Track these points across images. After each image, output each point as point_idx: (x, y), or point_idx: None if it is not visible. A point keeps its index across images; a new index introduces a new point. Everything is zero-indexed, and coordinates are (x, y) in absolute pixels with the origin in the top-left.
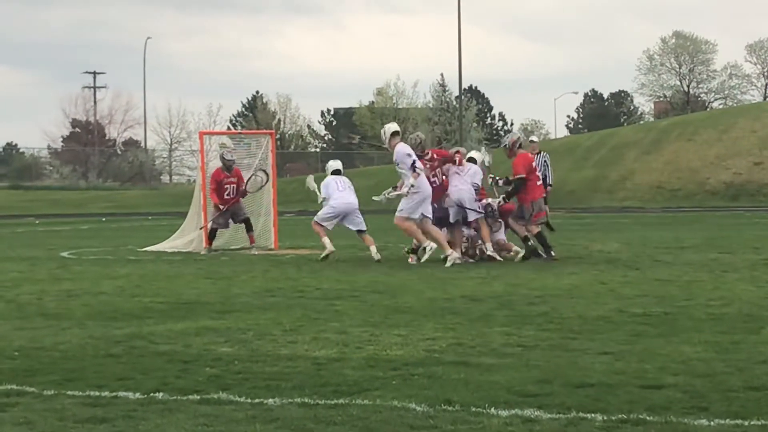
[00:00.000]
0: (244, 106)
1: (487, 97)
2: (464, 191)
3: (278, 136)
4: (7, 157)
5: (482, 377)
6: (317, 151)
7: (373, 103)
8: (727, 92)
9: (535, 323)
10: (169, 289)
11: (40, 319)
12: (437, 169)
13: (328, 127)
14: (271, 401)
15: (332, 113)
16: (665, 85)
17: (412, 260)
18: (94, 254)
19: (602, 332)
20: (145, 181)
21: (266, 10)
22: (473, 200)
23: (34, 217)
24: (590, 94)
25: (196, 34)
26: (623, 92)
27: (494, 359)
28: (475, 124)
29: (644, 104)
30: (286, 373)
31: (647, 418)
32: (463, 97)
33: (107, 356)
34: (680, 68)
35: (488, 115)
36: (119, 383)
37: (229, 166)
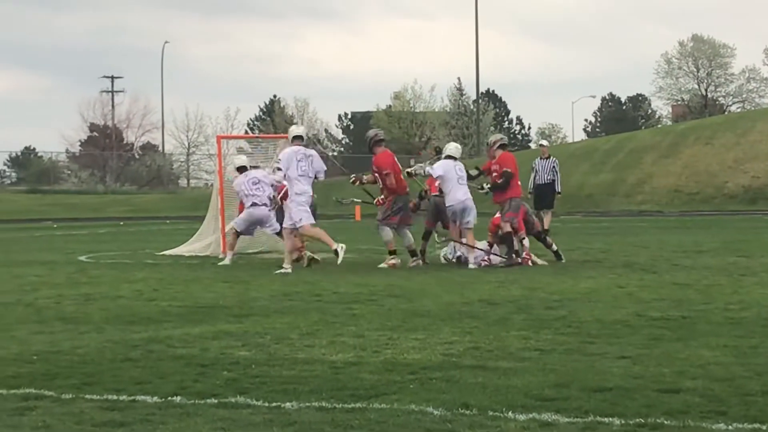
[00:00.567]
0: (261, 109)
1: (504, 100)
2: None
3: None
4: (25, 161)
5: (500, 381)
6: (335, 155)
7: (390, 107)
8: (745, 96)
9: (552, 327)
10: (186, 292)
11: (58, 323)
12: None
13: (345, 131)
14: (288, 405)
15: (349, 117)
16: (683, 88)
17: (389, 264)
18: (111, 258)
19: (620, 336)
20: (162, 185)
21: (285, 14)
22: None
23: (52, 221)
24: (608, 97)
25: (214, 38)
26: (641, 96)
27: (512, 363)
28: (492, 127)
29: (662, 108)
30: (303, 376)
31: (665, 422)
32: (480, 100)
33: (125, 360)
34: (698, 72)
35: (506, 118)
36: (137, 387)
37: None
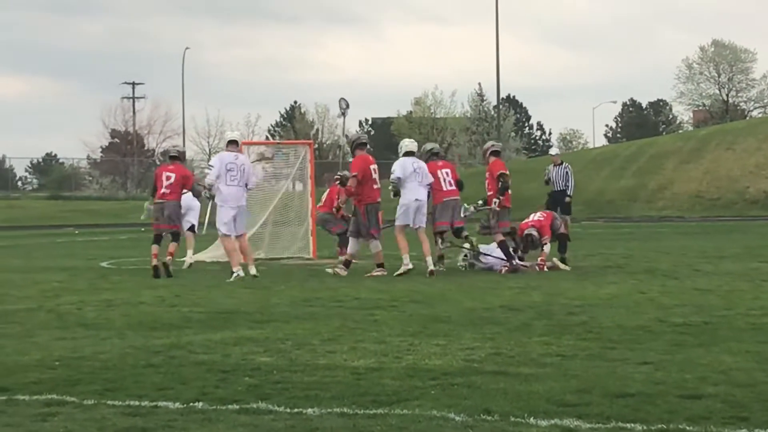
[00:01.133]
0: (282, 116)
1: (525, 106)
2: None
3: (316, 146)
4: (46, 167)
5: (521, 387)
6: None
7: (411, 112)
8: (766, 101)
9: (574, 333)
10: (207, 298)
11: (80, 328)
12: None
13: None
14: (310, 411)
15: (370, 123)
16: (704, 93)
17: (333, 270)
18: (133, 264)
19: (642, 342)
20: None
21: (306, 20)
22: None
23: (73, 227)
24: (629, 103)
25: (235, 44)
26: (662, 101)
27: (533, 369)
28: (513, 133)
29: (683, 113)
30: (324, 382)
31: (687, 428)
32: (501, 106)
33: (147, 366)
34: (719, 77)
35: (526, 124)
36: (159, 393)
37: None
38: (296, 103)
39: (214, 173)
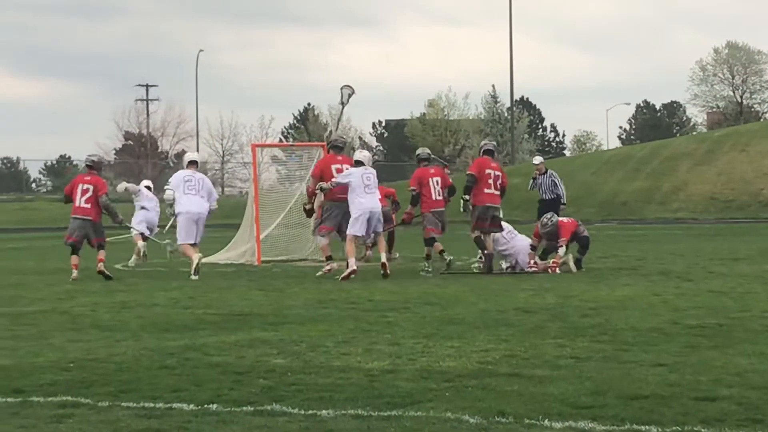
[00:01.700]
0: (295, 118)
1: (538, 108)
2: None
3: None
4: (60, 169)
5: (536, 389)
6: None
7: (424, 114)
8: None
9: (588, 335)
10: (221, 300)
11: (94, 330)
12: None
13: (379, 138)
14: (324, 413)
15: (383, 125)
16: (718, 95)
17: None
18: (147, 266)
19: (656, 344)
20: None
21: (319, 22)
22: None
23: None
24: (642, 105)
25: (248, 46)
26: (676, 103)
27: (547, 371)
28: (526, 135)
29: (697, 115)
30: (339, 384)
31: (701, 430)
32: (514, 108)
33: (161, 368)
34: (733, 79)
35: (540, 126)
36: (173, 395)
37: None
38: (309, 104)
39: (171, 188)
